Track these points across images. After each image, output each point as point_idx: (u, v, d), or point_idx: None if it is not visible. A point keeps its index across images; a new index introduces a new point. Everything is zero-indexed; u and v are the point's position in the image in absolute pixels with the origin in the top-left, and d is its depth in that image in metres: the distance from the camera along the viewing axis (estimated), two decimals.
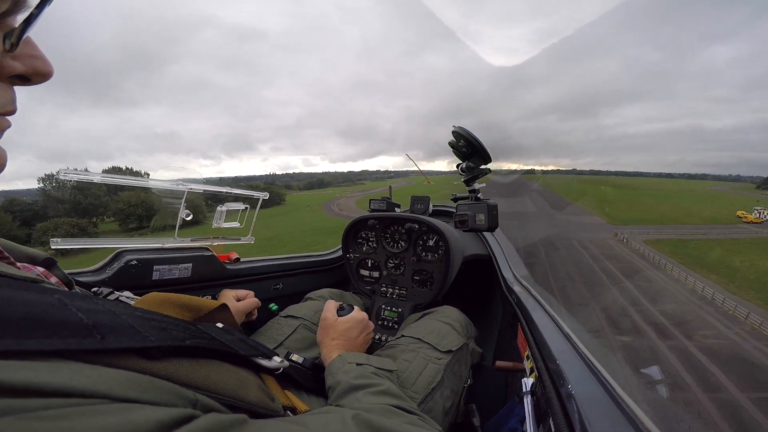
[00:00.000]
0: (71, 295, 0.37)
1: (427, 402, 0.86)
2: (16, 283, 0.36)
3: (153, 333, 0.38)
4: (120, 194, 62.59)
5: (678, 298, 25.27)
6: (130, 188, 0.97)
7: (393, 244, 1.68)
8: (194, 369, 0.39)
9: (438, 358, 0.97)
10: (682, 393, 14.45)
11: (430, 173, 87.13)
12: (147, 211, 54.58)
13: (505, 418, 0.90)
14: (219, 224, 1.32)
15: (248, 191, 1.38)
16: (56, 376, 0.26)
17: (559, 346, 0.78)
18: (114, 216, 63.74)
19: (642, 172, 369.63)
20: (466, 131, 1.18)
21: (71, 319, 0.32)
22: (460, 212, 1.29)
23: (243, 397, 0.43)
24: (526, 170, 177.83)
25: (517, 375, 1.19)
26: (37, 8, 0.34)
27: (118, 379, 0.29)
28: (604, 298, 24.83)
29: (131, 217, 59.35)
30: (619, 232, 45.44)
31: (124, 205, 59.93)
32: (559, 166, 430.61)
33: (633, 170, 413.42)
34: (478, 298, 2.04)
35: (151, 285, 1.12)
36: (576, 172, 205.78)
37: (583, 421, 0.54)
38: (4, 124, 0.38)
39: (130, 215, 59.34)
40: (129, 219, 59.71)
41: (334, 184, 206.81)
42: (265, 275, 1.53)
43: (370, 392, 0.63)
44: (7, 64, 0.36)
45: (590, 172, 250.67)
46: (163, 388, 0.32)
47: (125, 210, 59.79)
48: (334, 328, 0.93)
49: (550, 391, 0.68)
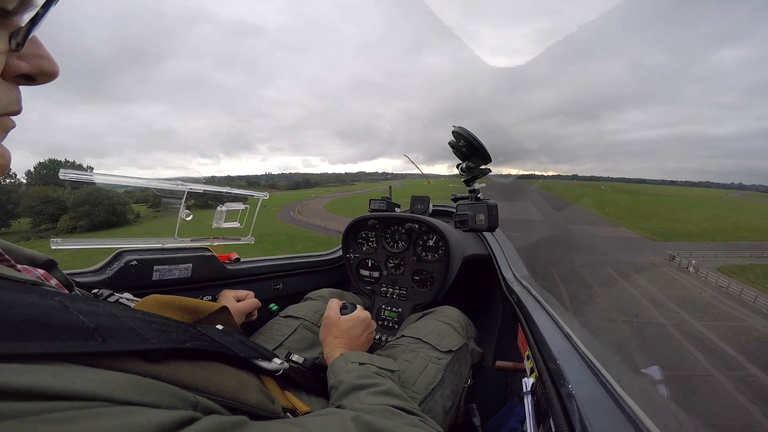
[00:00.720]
0: (72, 298, 0.37)
1: (427, 402, 0.86)
2: (17, 286, 0.36)
3: (154, 335, 0.38)
4: (32, 189, 53.53)
5: None
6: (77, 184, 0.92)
7: (393, 244, 1.68)
8: (195, 371, 0.39)
9: (438, 358, 0.98)
10: None
11: (430, 176, 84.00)
12: (59, 210, 48.63)
13: (505, 418, 0.90)
14: (219, 224, 1.32)
15: (248, 191, 1.39)
16: (59, 379, 0.26)
17: (559, 346, 0.78)
18: (24, 214, 53.69)
19: (645, 179, 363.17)
20: (465, 131, 1.18)
21: (72, 321, 0.32)
22: (460, 212, 1.29)
23: (243, 399, 0.43)
24: (525, 174, 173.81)
25: (517, 375, 1.19)
26: (43, 8, 0.34)
27: (119, 382, 0.30)
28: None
29: (42, 215, 50.47)
30: (675, 253, 29.00)
31: (34, 202, 51.18)
32: (559, 171, 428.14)
33: (634, 177, 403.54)
34: (478, 298, 2.04)
35: (151, 285, 1.13)
36: (578, 178, 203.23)
37: (584, 421, 0.54)
38: (8, 124, 0.38)
39: (41, 213, 50.41)
40: (40, 217, 50.38)
41: (324, 185, 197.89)
42: (265, 275, 1.53)
43: (372, 392, 0.63)
44: (12, 64, 0.36)
45: (590, 178, 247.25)
46: (163, 390, 0.33)
47: (35, 207, 50.95)
48: (337, 326, 0.93)
49: (550, 391, 0.68)
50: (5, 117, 0.37)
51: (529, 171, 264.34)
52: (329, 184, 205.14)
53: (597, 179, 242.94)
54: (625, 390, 0.59)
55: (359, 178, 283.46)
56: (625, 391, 0.59)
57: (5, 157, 0.39)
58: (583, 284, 20.87)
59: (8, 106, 0.37)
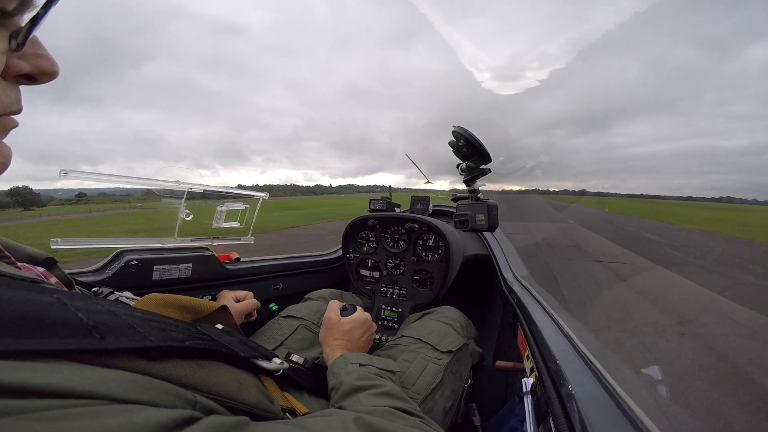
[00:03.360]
0: (70, 295, 0.36)
1: (427, 402, 0.86)
2: (16, 283, 0.36)
3: (153, 333, 0.38)
4: None
5: None
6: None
7: (393, 244, 1.68)
8: (194, 370, 0.39)
9: (438, 359, 0.98)
10: None
11: (429, 190, 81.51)
12: None
13: (505, 418, 0.90)
14: (219, 224, 1.33)
15: (248, 191, 1.39)
16: (55, 376, 0.26)
17: (559, 346, 0.78)
18: None
19: (659, 195, 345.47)
20: (466, 131, 1.18)
21: (70, 318, 0.32)
22: (460, 212, 1.29)
23: (242, 398, 0.43)
24: (529, 190, 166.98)
25: (517, 375, 1.19)
26: (44, 8, 0.34)
27: (117, 380, 0.29)
28: None
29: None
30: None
31: None
32: (562, 187, 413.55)
33: (649, 193, 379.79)
34: (478, 298, 2.04)
35: (151, 285, 1.13)
36: (586, 194, 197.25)
37: (584, 421, 0.54)
38: (9, 123, 0.38)
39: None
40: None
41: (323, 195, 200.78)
42: (265, 275, 1.53)
43: (373, 393, 0.63)
44: (13, 64, 0.36)
45: (598, 194, 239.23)
46: (162, 389, 0.32)
47: None
48: (338, 328, 0.93)
49: (550, 391, 0.68)
50: (6, 116, 0.38)
51: (533, 186, 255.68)
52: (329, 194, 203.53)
53: (605, 195, 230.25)
54: (625, 390, 0.59)
55: (345, 190, 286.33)
56: (625, 391, 0.58)
57: (5, 156, 0.39)
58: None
59: (9, 106, 0.37)
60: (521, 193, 66.35)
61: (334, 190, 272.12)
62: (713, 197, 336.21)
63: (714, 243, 16.41)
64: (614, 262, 8.95)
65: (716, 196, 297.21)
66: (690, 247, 14.13)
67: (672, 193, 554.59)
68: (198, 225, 1.23)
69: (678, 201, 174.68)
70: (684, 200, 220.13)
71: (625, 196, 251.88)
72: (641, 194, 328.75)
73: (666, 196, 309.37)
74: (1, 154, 0.38)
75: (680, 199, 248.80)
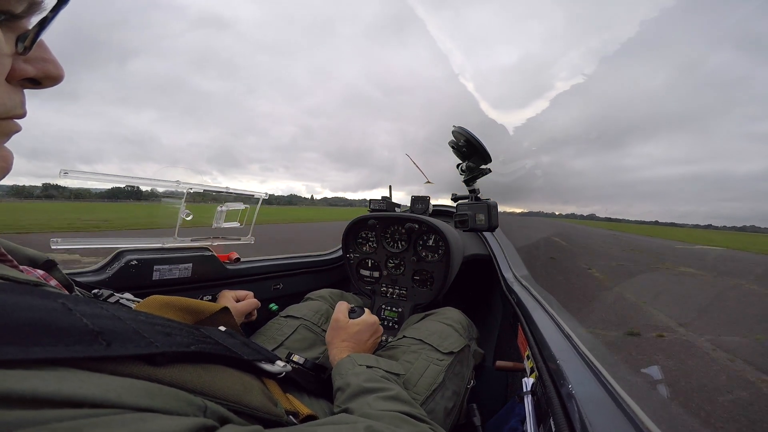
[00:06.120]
0: (75, 300, 0.36)
1: (428, 403, 0.87)
2: (19, 287, 0.35)
3: (158, 338, 0.37)
4: None
5: None
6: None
7: (393, 244, 1.68)
8: (199, 375, 0.39)
9: (439, 360, 0.98)
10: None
11: None
12: None
13: (505, 417, 0.90)
14: (219, 224, 1.32)
15: (248, 191, 1.39)
16: (65, 384, 0.25)
17: (559, 346, 0.79)
18: None
19: (683, 223, 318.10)
20: (466, 131, 1.18)
21: (76, 325, 0.31)
22: (460, 212, 1.29)
23: (247, 402, 0.43)
24: (533, 212, 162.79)
25: (517, 375, 1.20)
26: (52, 11, 0.34)
27: (126, 387, 0.29)
28: None
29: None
30: None
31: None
32: (563, 211, 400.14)
33: (645, 219, 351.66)
34: (478, 298, 2.04)
35: (151, 285, 1.13)
36: (595, 218, 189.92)
37: (584, 420, 0.54)
38: (12, 127, 0.38)
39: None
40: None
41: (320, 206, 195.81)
42: (265, 275, 1.53)
43: (381, 397, 0.63)
44: (19, 67, 0.35)
45: (607, 219, 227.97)
46: (171, 395, 0.32)
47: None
48: (346, 330, 0.93)
49: (550, 391, 0.68)
50: (9, 120, 0.37)
51: (536, 210, 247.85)
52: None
53: (615, 221, 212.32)
54: (625, 390, 0.59)
55: (336, 202, 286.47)
56: (625, 391, 0.59)
57: (6, 160, 0.38)
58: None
59: (12, 110, 0.36)
60: (523, 216, 63.34)
61: (318, 202, 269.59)
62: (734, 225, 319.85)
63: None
64: None
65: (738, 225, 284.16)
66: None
67: (677, 220, 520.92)
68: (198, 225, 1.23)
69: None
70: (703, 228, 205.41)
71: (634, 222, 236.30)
72: (655, 221, 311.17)
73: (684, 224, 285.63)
74: (3, 158, 0.37)
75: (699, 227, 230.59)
